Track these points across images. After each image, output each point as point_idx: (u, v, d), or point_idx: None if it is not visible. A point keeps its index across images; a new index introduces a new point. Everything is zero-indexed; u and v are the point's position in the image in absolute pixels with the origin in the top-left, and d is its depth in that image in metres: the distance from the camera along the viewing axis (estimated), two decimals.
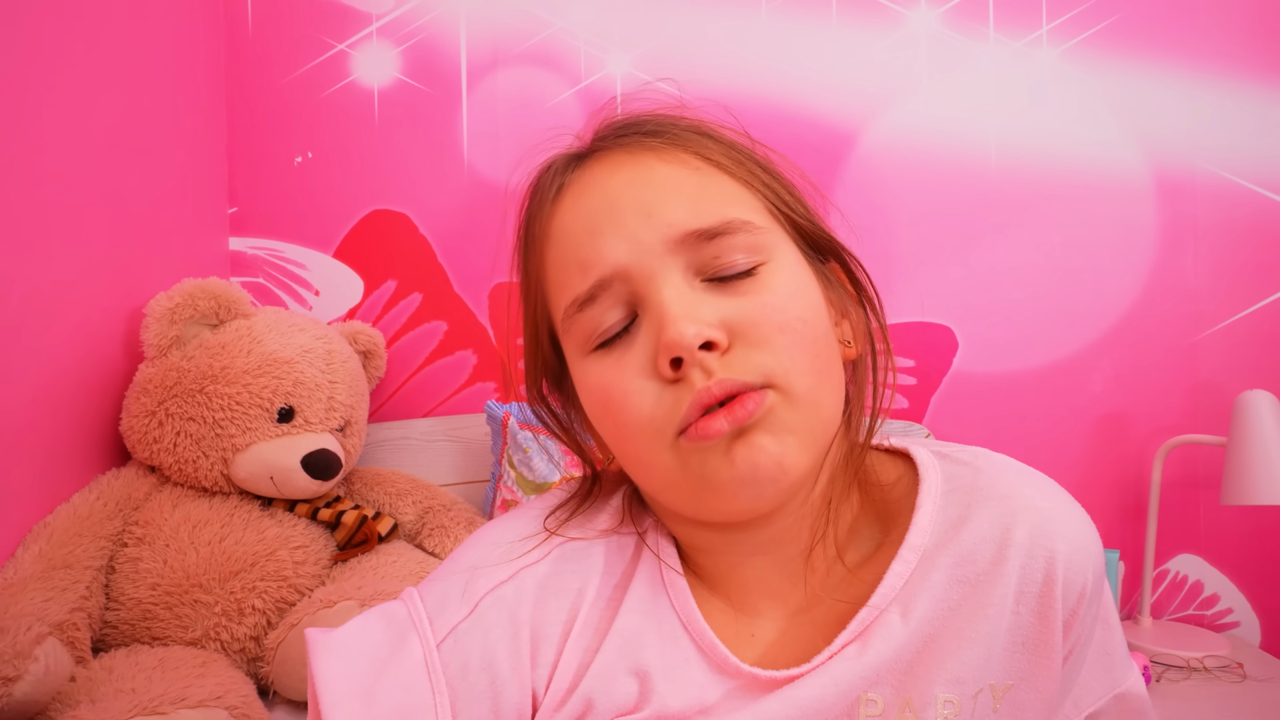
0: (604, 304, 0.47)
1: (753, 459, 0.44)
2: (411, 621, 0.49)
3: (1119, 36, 1.55)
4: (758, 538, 0.50)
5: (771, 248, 0.47)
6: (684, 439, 0.45)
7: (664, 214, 0.47)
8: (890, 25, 1.56)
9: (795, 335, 0.45)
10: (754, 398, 0.44)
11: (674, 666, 0.49)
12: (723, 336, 0.44)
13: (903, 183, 1.56)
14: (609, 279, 0.47)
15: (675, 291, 0.45)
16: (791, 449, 0.45)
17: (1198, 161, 1.56)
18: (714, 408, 0.44)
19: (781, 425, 0.44)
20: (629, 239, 0.46)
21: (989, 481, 0.50)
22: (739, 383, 0.44)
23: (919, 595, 0.48)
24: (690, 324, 0.44)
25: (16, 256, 1.02)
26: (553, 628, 0.49)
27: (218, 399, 1.16)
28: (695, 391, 0.44)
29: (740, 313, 0.45)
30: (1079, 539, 0.48)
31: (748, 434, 0.44)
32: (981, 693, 0.47)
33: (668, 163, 0.49)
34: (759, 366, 0.44)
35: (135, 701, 0.86)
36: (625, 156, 0.50)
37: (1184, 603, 1.58)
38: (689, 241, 0.46)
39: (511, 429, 1.37)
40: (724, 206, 0.47)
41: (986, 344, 1.58)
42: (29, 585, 0.96)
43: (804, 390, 0.45)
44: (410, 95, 1.52)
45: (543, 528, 0.53)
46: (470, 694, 0.47)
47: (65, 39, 1.10)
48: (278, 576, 1.12)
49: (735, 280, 0.46)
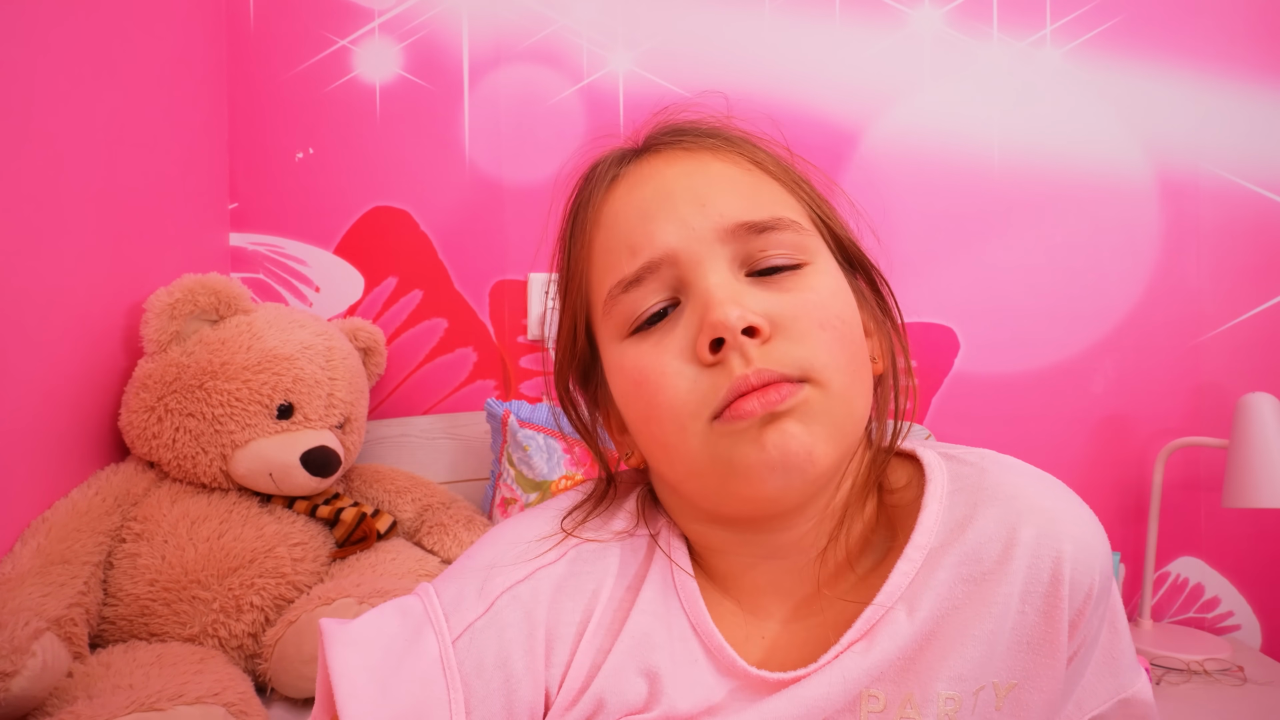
0: (649, 287, 0.48)
1: (783, 444, 0.44)
2: (427, 617, 0.49)
3: (1123, 37, 1.55)
4: (776, 540, 0.51)
5: (815, 251, 0.49)
6: (718, 421, 0.45)
7: (717, 204, 0.48)
8: (894, 24, 1.56)
9: (834, 332, 0.46)
10: (789, 387, 0.45)
11: (683, 667, 0.49)
12: (766, 324, 0.45)
13: (905, 182, 1.56)
14: (657, 262, 0.48)
15: (721, 278, 0.47)
16: (821, 440, 0.45)
17: (1201, 163, 1.55)
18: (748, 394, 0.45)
19: (814, 416, 0.45)
20: (681, 224, 0.48)
21: (995, 481, 0.50)
22: (776, 373, 0.45)
23: (924, 593, 0.48)
24: (735, 307, 0.45)
25: (16, 251, 1.01)
26: (567, 628, 0.50)
27: (217, 395, 1.15)
28: (734, 377, 0.45)
29: (783, 306, 0.46)
30: (1086, 540, 0.48)
31: (779, 420, 0.45)
32: (984, 690, 0.47)
33: (723, 160, 0.51)
34: (797, 360, 0.45)
35: (133, 698, 0.85)
36: (681, 153, 0.52)
37: (1185, 605, 1.58)
38: (739, 233, 0.47)
39: (511, 427, 1.36)
40: (774, 205, 0.49)
41: (988, 344, 1.57)
42: (27, 580, 0.96)
43: (839, 386, 0.46)
44: (412, 92, 1.52)
45: (559, 529, 0.53)
46: (484, 691, 0.47)
47: (66, 34, 1.10)
48: (276, 573, 1.12)
49: (779, 275, 0.48)
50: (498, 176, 1.54)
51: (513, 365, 1.56)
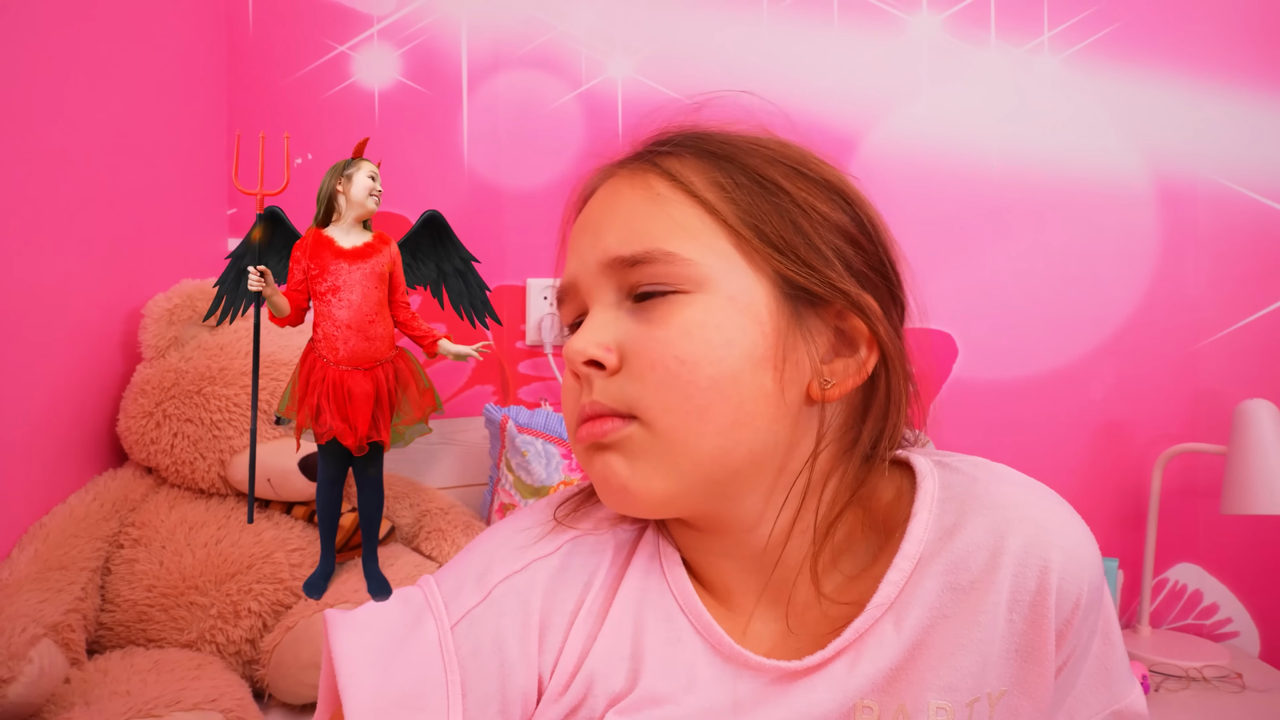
0: (568, 307, 0.54)
1: (604, 474, 0.49)
2: (427, 604, 0.52)
3: (1121, 44, 1.55)
4: (721, 542, 0.52)
5: (700, 281, 0.48)
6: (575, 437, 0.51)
7: (604, 237, 0.51)
8: (892, 31, 1.56)
9: (666, 373, 0.47)
10: (611, 423, 0.48)
11: (666, 646, 0.51)
12: (609, 357, 0.49)
13: (903, 188, 1.56)
14: (568, 288, 0.54)
15: (600, 308, 0.50)
16: (643, 474, 0.48)
17: (1199, 169, 1.55)
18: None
19: (636, 453, 0.48)
20: (579, 257, 0.53)
21: (984, 490, 0.50)
22: (602, 406, 0.48)
23: (912, 603, 0.48)
24: (583, 341, 0.49)
25: (15, 256, 1.01)
26: (560, 616, 0.52)
27: (215, 400, 1.15)
28: (583, 401, 0.50)
29: (634, 341, 0.48)
30: (1076, 550, 0.47)
31: (603, 451, 0.49)
32: (977, 701, 0.47)
33: (634, 187, 0.51)
34: (626, 397, 0.48)
35: (130, 704, 0.85)
36: (620, 174, 0.53)
37: (1183, 612, 1.58)
38: (615, 266, 0.50)
39: (510, 433, 1.36)
40: (659, 236, 0.49)
41: (986, 350, 1.57)
42: (24, 586, 0.96)
43: (665, 426, 0.47)
44: (411, 98, 1.52)
45: (552, 518, 0.56)
46: (480, 674, 0.50)
47: (65, 40, 1.10)
48: (274, 579, 1.12)
49: (650, 303, 0.49)
50: (496, 182, 1.54)
51: (511, 370, 1.56)
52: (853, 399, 0.52)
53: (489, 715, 0.50)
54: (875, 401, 0.51)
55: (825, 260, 0.49)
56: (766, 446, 0.48)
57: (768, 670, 0.49)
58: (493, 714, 0.50)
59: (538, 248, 1.31)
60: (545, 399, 1.55)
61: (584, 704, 0.51)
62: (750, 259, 0.49)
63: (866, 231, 0.52)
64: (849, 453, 0.51)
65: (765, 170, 0.51)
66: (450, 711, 0.48)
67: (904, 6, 1.56)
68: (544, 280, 1.53)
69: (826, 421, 0.51)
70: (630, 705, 0.50)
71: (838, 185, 0.53)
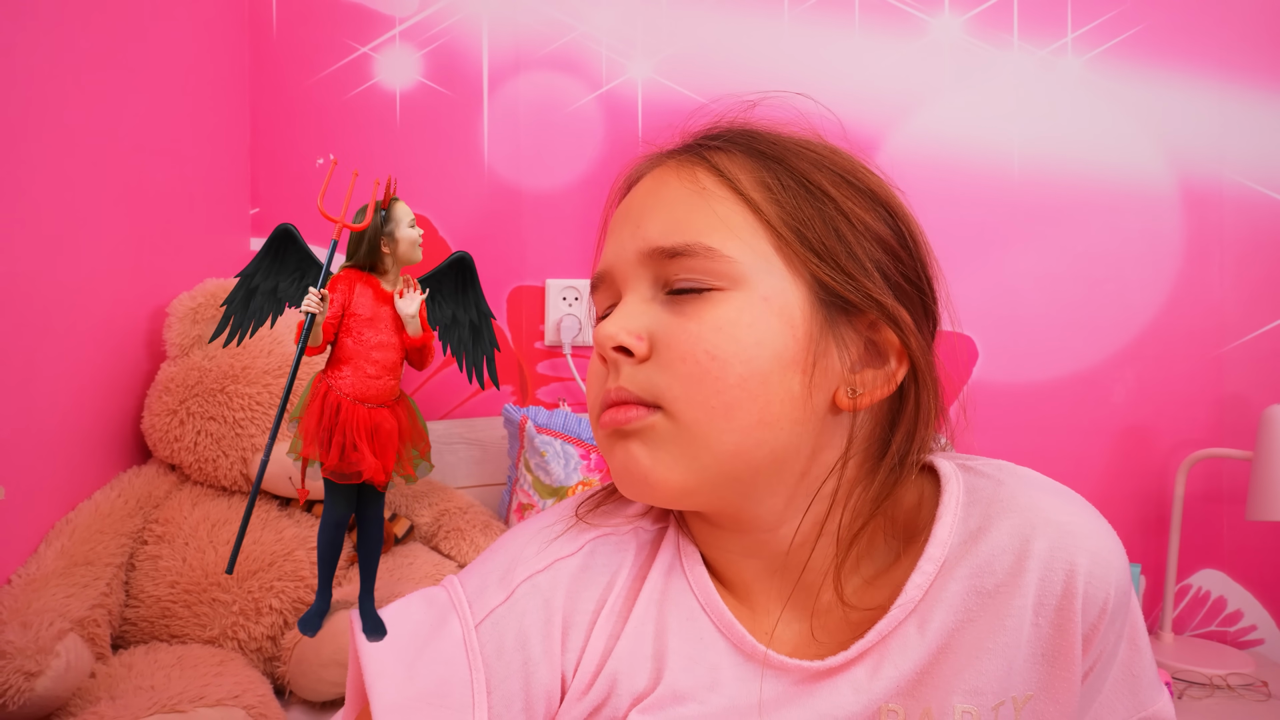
0: (602, 292, 0.55)
1: (625, 462, 0.49)
2: (452, 604, 0.53)
3: (1144, 45, 1.54)
4: (742, 541, 0.52)
5: (737, 279, 0.48)
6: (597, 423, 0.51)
7: (646, 227, 0.51)
8: (914, 33, 1.56)
9: (696, 367, 0.47)
10: (635, 410, 0.48)
11: (688, 644, 0.51)
12: (639, 345, 0.49)
13: (925, 190, 1.54)
14: (605, 274, 0.54)
15: (634, 297, 0.51)
16: (663, 465, 0.48)
17: (1224, 171, 1.54)
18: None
19: (658, 443, 0.48)
20: (618, 245, 0.53)
21: (1010, 494, 0.49)
22: (628, 393, 0.49)
23: (936, 606, 0.48)
24: (615, 326, 0.49)
25: (41, 255, 1.03)
26: (582, 615, 0.52)
27: (238, 399, 1.16)
28: (607, 387, 0.50)
29: (665, 331, 0.48)
30: (1102, 554, 0.47)
31: (626, 439, 0.49)
32: (1003, 705, 0.47)
33: (680, 179, 0.51)
34: (653, 386, 0.48)
35: (154, 699, 0.86)
36: (668, 163, 0.54)
37: (1206, 619, 1.56)
38: (655, 256, 0.50)
39: (529, 433, 1.37)
40: (701, 230, 0.49)
41: (1007, 353, 1.56)
42: (51, 581, 0.97)
43: (690, 420, 0.47)
44: (432, 98, 1.53)
45: (574, 515, 0.57)
46: (504, 672, 0.50)
47: (91, 40, 1.12)
48: (295, 576, 1.13)
49: (685, 298, 0.49)
50: (516, 183, 1.54)
51: (530, 371, 1.57)
52: (880, 410, 0.52)
53: (513, 713, 0.50)
54: (905, 414, 0.51)
55: (864, 269, 0.50)
56: (789, 449, 0.48)
57: (791, 670, 0.49)
58: (517, 712, 0.50)
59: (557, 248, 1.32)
60: (564, 399, 1.56)
61: (608, 703, 0.51)
62: (789, 261, 0.49)
63: (907, 245, 0.52)
64: (877, 462, 0.51)
65: (812, 175, 0.51)
66: (475, 709, 0.49)
67: (926, 8, 1.55)
68: (563, 281, 1.54)
69: (854, 430, 0.51)
70: (653, 703, 0.50)
71: (883, 196, 0.53)
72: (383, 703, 0.48)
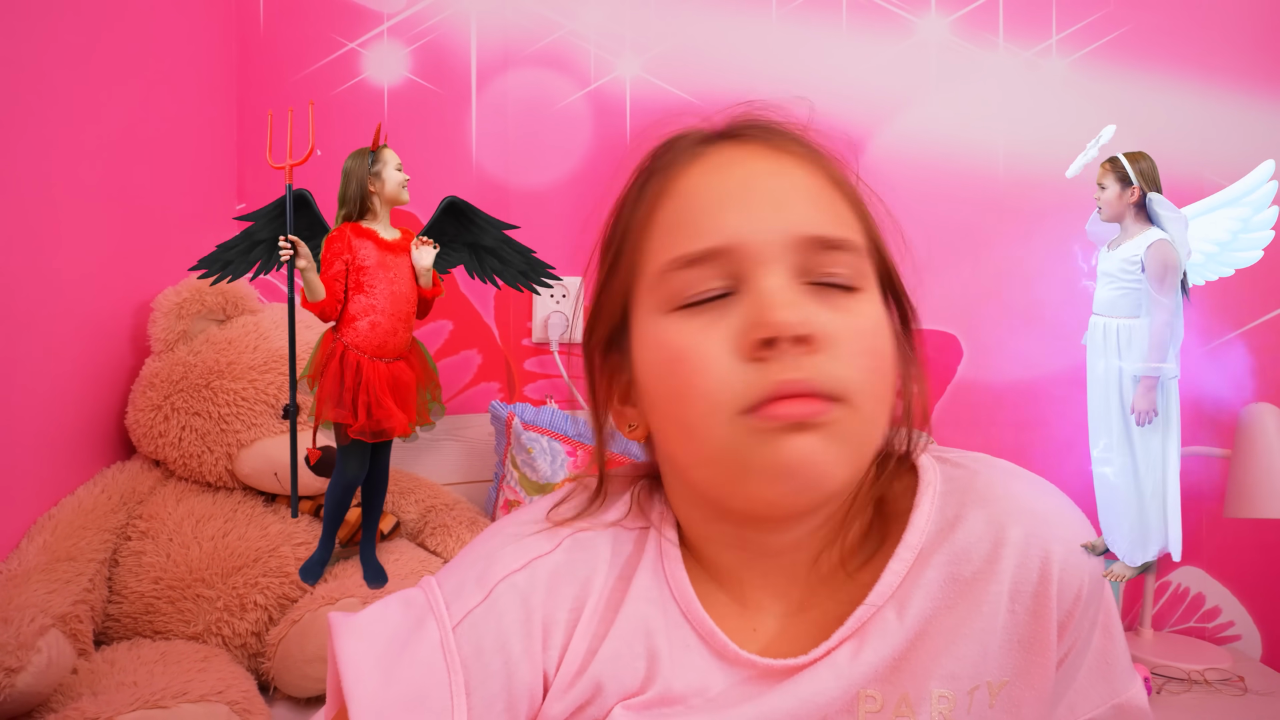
0: (706, 271, 0.48)
1: (802, 455, 0.45)
2: (429, 606, 0.52)
3: (1129, 47, 1.55)
4: (773, 541, 0.52)
5: (868, 278, 0.49)
6: (752, 416, 0.45)
7: (794, 210, 0.48)
8: (900, 33, 1.56)
9: (875, 362, 0.47)
10: (823, 403, 0.45)
11: (677, 651, 0.51)
12: (820, 336, 0.46)
13: (910, 190, 1.54)
14: (722, 250, 0.47)
15: (782, 281, 0.46)
16: (838, 460, 0.45)
17: (1206, 174, 1.55)
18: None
19: (838, 436, 0.45)
20: (756, 222, 0.47)
21: (985, 483, 0.51)
22: (820, 387, 0.45)
23: (914, 593, 0.49)
24: (795, 313, 0.45)
25: (26, 250, 1.02)
26: (562, 613, 0.52)
27: (223, 394, 1.16)
28: (778, 379, 0.45)
29: (835, 325, 0.46)
30: (1076, 542, 0.48)
31: (806, 431, 0.45)
32: (978, 689, 0.48)
33: (805, 169, 0.50)
34: (839, 378, 0.45)
35: (137, 695, 0.86)
36: (767, 150, 0.51)
37: (1185, 615, 1.58)
38: (810, 244, 0.47)
39: (515, 429, 1.37)
40: (845, 225, 0.49)
41: (991, 352, 1.57)
42: (33, 577, 0.97)
43: (868, 412, 0.46)
44: (420, 95, 1.53)
45: (547, 520, 0.55)
46: (484, 674, 0.49)
47: (77, 36, 1.11)
48: (280, 572, 1.12)
49: (834, 293, 0.47)
50: (504, 180, 1.54)
51: (517, 368, 1.57)
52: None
53: (495, 714, 0.49)
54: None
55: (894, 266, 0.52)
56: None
57: (776, 671, 0.50)
58: (498, 712, 0.50)
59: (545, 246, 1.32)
60: (551, 396, 1.56)
61: (593, 702, 0.51)
62: (873, 262, 0.51)
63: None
64: (871, 460, 0.52)
65: (855, 184, 0.53)
66: (455, 712, 0.48)
67: (912, 8, 1.56)
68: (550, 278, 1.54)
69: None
70: (644, 704, 0.50)
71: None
72: (360, 709, 0.47)
